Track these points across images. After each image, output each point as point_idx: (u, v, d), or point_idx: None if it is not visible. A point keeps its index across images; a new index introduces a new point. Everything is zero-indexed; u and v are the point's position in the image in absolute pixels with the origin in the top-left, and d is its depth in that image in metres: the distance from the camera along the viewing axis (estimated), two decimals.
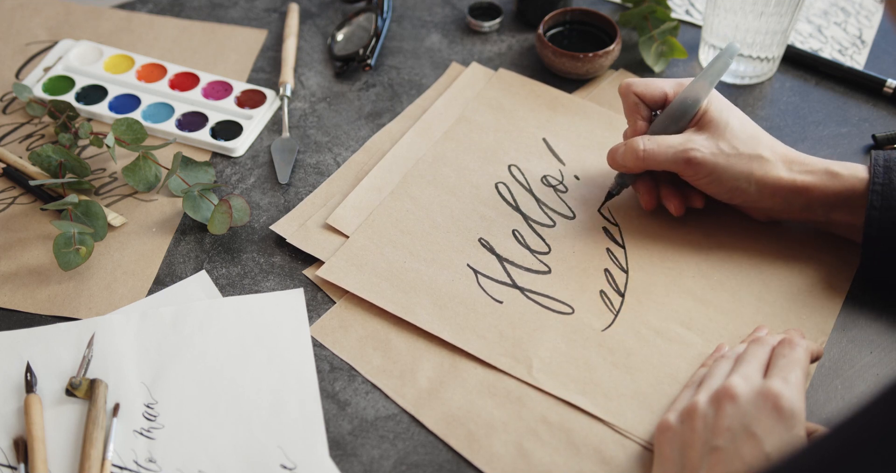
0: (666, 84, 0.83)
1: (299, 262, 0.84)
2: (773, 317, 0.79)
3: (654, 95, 0.82)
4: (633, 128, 0.83)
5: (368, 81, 0.99)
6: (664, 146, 0.79)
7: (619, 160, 0.82)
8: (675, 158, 0.79)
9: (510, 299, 0.80)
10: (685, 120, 0.81)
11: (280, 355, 0.77)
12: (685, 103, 0.80)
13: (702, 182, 0.80)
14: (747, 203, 0.81)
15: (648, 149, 0.80)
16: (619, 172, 0.84)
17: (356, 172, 0.90)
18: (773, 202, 0.80)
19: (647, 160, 0.80)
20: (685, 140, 0.79)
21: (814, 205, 0.79)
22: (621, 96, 0.84)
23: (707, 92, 0.80)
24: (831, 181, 0.78)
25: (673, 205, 0.83)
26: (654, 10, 0.99)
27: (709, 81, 0.80)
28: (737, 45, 0.81)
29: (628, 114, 0.84)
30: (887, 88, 0.96)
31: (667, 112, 0.81)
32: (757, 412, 0.64)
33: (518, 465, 0.71)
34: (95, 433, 0.71)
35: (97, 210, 0.84)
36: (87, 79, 0.98)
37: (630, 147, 0.81)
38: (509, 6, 1.06)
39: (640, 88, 0.82)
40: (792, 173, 0.78)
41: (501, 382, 0.75)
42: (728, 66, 0.80)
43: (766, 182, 0.78)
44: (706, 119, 0.80)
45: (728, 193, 0.80)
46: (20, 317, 0.80)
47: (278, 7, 1.07)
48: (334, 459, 0.72)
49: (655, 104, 0.83)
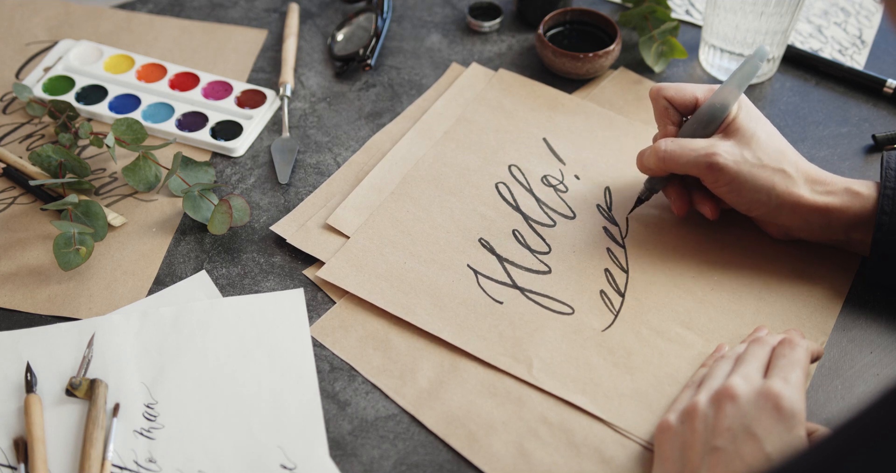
0: (697, 89, 0.81)
1: (299, 262, 0.84)
2: (774, 317, 0.79)
3: (684, 99, 0.81)
4: (662, 132, 0.82)
5: (368, 81, 0.99)
6: (687, 149, 0.78)
7: (644, 162, 0.81)
8: (696, 162, 0.77)
9: (510, 299, 0.80)
10: (714, 125, 0.79)
11: (280, 355, 0.77)
12: (713, 108, 0.79)
13: (722, 190, 0.78)
14: (766, 217, 0.80)
15: (670, 150, 0.78)
16: (648, 177, 0.83)
17: (356, 173, 0.90)
18: (792, 220, 0.79)
19: (668, 161, 0.79)
20: (709, 144, 0.78)
21: (834, 225, 0.78)
22: (652, 100, 0.83)
23: (736, 97, 0.79)
24: (852, 201, 0.77)
25: (708, 207, 0.82)
26: (654, 10, 0.99)
27: (737, 85, 0.79)
28: (766, 48, 0.79)
29: (658, 118, 0.83)
30: (887, 88, 0.96)
31: (696, 117, 0.80)
32: (757, 412, 0.64)
33: (518, 465, 0.71)
34: (95, 433, 0.71)
35: (97, 210, 0.84)
36: (87, 79, 0.98)
37: (653, 148, 0.80)
38: (509, 6, 1.06)
39: (671, 92, 0.81)
40: (814, 195, 0.77)
41: (501, 382, 0.75)
42: (757, 69, 0.79)
43: (786, 199, 0.77)
44: (734, 126, 0.78)
45: (747, 203, 0.79)
46: (20, 317, 0.80)
47: (278, 7, 1.07)
48: (334, 459, 0.72)
49: (686, 109, 0.82)
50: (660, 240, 0.84)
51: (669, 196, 0.83)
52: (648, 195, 0.84)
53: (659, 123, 0.83)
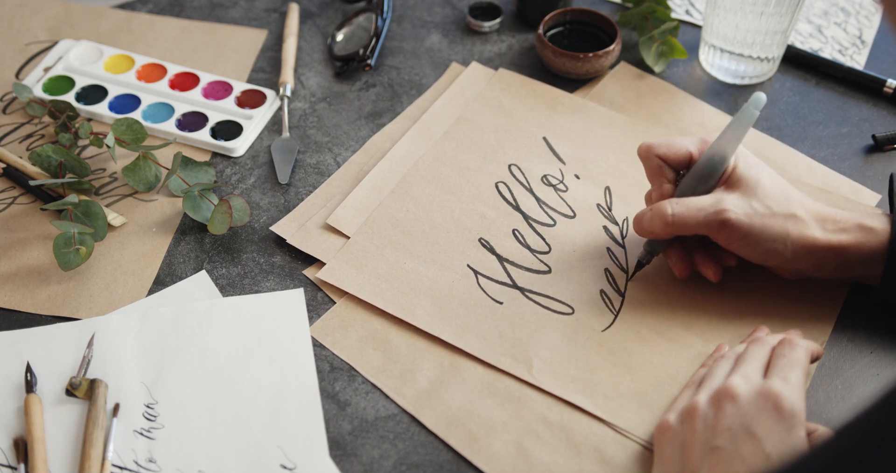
0: (689, 143, 0.78)
1: (299, 262, 0.84)
2: (774, 317, 0.79)
3: (678, 155, 0.77)
4: (658, 192, 0.78)
5: (368, 81, 0.99)
6: (694, 209, 0.74)
7: (646, 227, 0.77)
8: (707, 222, 0.74)
9: (510, 299, 0.80)
10: (714, 179, 0.76)
11: (280, 355, 0.77)
12: (713, 161, 0.75)
13: (736, 245, 0.75)
14: (782, 265, 0.76)
15: (678, 213, 0.75)
16: (648, 240, 0.79)
17: (356, 173, 0.90)
18: (808, 263, 0.75)
19: (677, 225, 0.75)
20: (716, 201, 0.74)
21: (850, 263, 0.75)
22: (642, 160, 0.79)
23: (735, 148, 0.75)
24: (866, 238, 0.74)
25: (710, 270, 0.78)
26: (654, 10, 0.99)
27: (735, 135, 0.75)
28: (763, 96, 0.76)
29: (652, 178, 0.79)
30: (887, 88, 0.96)
31: (693, 172, 0.76)
32: (757, 412, 0.64)
33: (518, 465, 0.71)
34: (95, 433, 0.71)
35: (97, 210, 0.84)
36: (87, 79, 0.98)
37: (657, 212, 0.75)
38: (509, 6, 1.06)
39: (663, 149, 0.77)
40: (827, 233, 0.74)
41: (501, 382, 0.75)
42: (754, 118, 0.75)
43: (802, 243, 0.74)
44: (735, 177, 0.75)
45: (763, 255, 0.75)
46: (20, 317, 0.80)
47: (278, 7, 1.07)
48: (334, 459, 0.72)
49: (680, 165, 0.78)
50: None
51: (670, 259, 0.80)
52: (649, 259, 0.80)
53: (653, 183, 0.79)
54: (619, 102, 0.96)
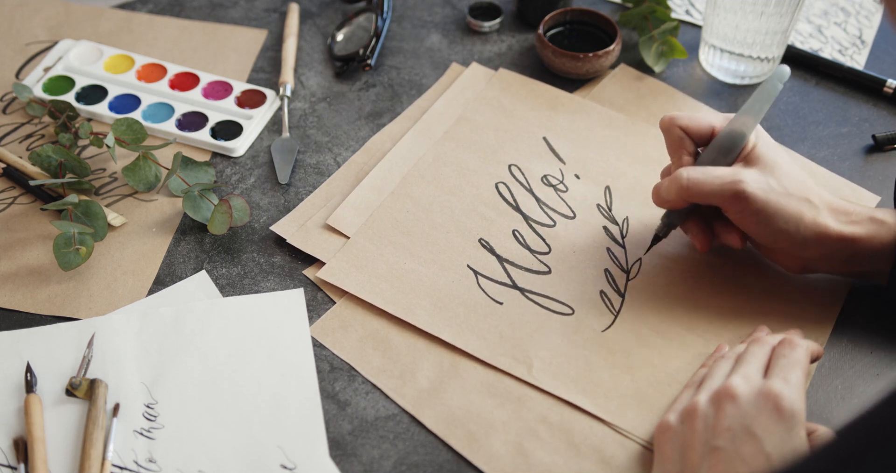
0: (712, 117, 0.77)
1: (299, 262, 0.84)
2: (774, 317, 0.79)
3: (700, 128, 0.77)
4: (677, 164, 0.78)
5: (368, 81, 0.99)
6: (711, 176, 0.74)
7: (663, 195, 0.76)
8: (722, 190, 0.73)
9: (510, 300, 0.80)
10: (734, 154, 0.75)
11: (280, 355, 0.77)
12: (733, 135, 0.75)
13: (748, 221, 0.74)
14: (791, 249, 0.75)
15: (693, 178, 0.74)
16: (665, 212, 0.79)
17: (356, 173, 0.90)
18: (818, 251, 0.75)
19: (692, 190, 0.74)
20: (734, 172, 0.74)
21: (860, 256, 0.74)
22: (664, 131, 0.78)
23: (755, 123, 0.75)
24: (877, 231, 0.74)
25: (734, 237, 0.77)
26: (654, 10, 0.99)
27: (756, 110, 0.75)
28: (787, 69, 0.75)
29: (672, 150, 0.78)
30: (887, 88, 0.96)
31: (713, 145, 0.76)
32: (757, 412, 0.64)
33: (518, 465, 0.71)
34: (95, 433, 0.71)
35: (97, 210, 0.84)
36: (87, 79, 0.98)
37: (674, 178, 0.75)
38: (509, 6, 1.06)
39: (686, 121, 0.77)
40: (839, 224, 0.74)
41: (501, 382, 0.75)
42: (776, 92, 0.75)
43: (814, 229, 0.73)
44: (755, 154, 0.75)
45: (773, 235, 0.74)
46: (20, 317, 0.80)
47: (278, 7, 1.07)
48: (334, 459, 0.72)
49: (702, 139, 0.78)
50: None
51: (690, 231, 0.79)
52: (667, 232, 0.79)
53: (673, 155, 0.78)
54: (619, 103, 0.96)
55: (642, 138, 0.92)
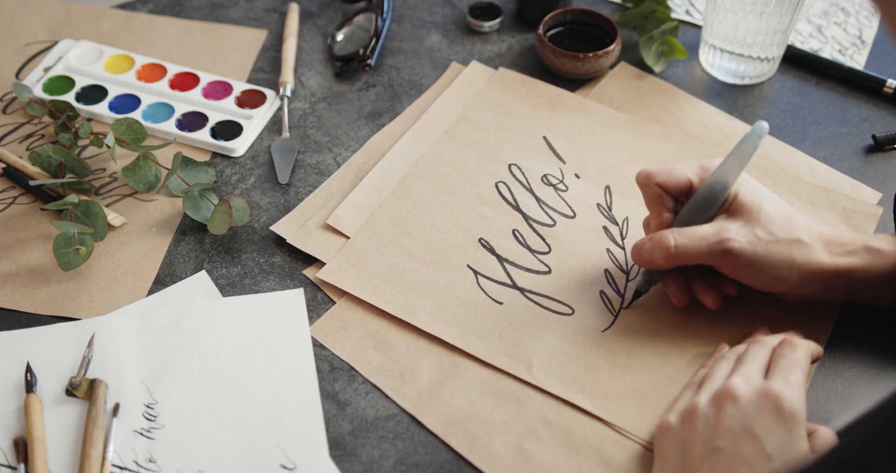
0: (688, 170, 0.76)
1: (299, 262, 0.84)
2: (774, 318, 0.79)
3: (677, 183, 0.75)
4: (658, 221, 0.76)
5: (368, 81, 0.99)
6: (696, 239, 0.73)
7: (646, 257, 0.75)
8: (710, 252, 0.72)
9: (510, 300, 0.80)
10: (714, 208, 0.74)
11: (280, 355, 0.77)
12: (714, 190, 0.74)
13: (741, 273, 0.73)
14: (789, 291, 0.74)
15: (680, 244, 0.73)
16: (645, 269, 0.78)
17: (356, 173, 0.90)
18: (815, 288, 0.74)
19: (680, 256, 0.73)
20: (718, 229, 0.73)
21: (860, 286, 0.73)
22: (641, 188, 0.77)
23: (736, 176, 0.74)
24: (874, 260, 0.72)
25: (710, 299, 0.76)
26: (654, 10, 0.99)
27: (737, 164, 0.73)
28: (765, 125, 0.74)
29: (651, 206, 0.77)
30: (887, 88, 0.96)
31: (694, 201, 0.75)
32: (758, 413, 0.64)
33: (518, 465, 0.71)
34: (95, 433, 0.71)
35: (97, 210, 0.84)
36: (87, 79, 0.98)
37: (658, 242, 0.74)
38: (509, 6, 1.06)
39: (663, 177, 0.75)
40: (833, 257, 0.73)
41: (501, 382, 0.75)
42: (756, 147, 0.73)
43: (808, 269, 0.72)
44: (737, 204, 0.74)
45: (769, 282, 0.73)
46: (20, 317, 0.80)
47: (278, 7, 1.07)
48: (334, 459, 0.72)
49: (679, 193, 0.76)
50: None
51: (668, 288, 0.78)
52: (647, 288, 0.78)
53: (652, 211, 0.77)
54: (619, 102, 0.96)
55: (643, 138, 0.92)
